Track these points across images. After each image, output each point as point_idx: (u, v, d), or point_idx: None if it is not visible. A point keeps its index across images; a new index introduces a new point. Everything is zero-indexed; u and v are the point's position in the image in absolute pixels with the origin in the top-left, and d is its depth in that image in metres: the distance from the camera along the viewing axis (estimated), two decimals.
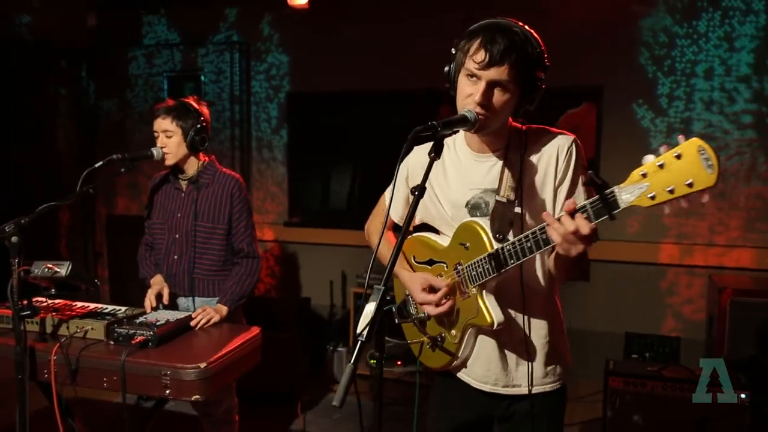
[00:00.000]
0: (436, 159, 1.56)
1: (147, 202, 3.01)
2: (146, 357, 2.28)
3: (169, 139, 2.78)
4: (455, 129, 1.63)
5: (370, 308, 1.41)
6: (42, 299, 2.62)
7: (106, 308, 2.67)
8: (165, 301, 2.79)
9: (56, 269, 2.32)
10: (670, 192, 1.25)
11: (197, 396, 2.20)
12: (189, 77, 5.18)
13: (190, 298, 2.89)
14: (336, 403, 1.34)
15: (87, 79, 5.44)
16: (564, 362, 1.88)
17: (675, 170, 1.24)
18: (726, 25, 4.02)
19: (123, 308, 2.67)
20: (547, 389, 1.84)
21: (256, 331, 2.61)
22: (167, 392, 2.21)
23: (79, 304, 2.72)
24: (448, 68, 1.71)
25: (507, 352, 1.83)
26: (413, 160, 1.93)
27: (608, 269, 4.21)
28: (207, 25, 5.15)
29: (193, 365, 2.19)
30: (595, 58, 4.14)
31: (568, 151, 1.70)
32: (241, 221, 2.87)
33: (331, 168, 5.03)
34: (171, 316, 2.57)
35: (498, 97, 1.62)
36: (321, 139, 4.98)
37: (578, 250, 1.44)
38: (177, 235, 2.88)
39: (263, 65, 5.06)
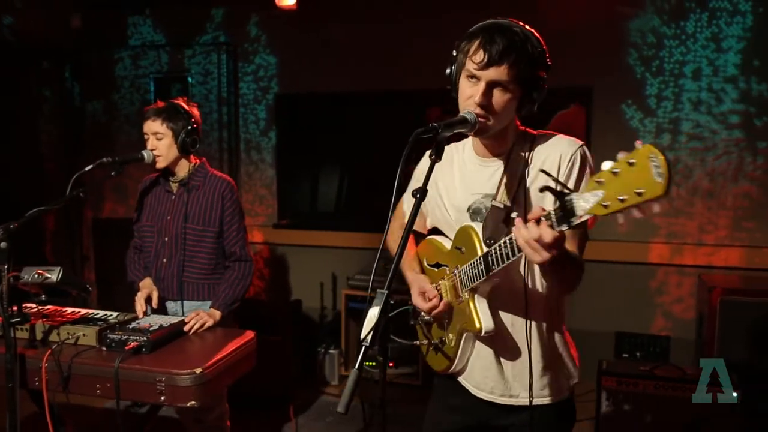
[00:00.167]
0: (437, 161, 1.55)
1: (136, 205, 2.98)
2: (140, 363, 2.24)
3: (159, 142, 2.74)
4: (456, 130, 1.61)
5: (373, 313, 1.39)
6: (32, 305, 2.57)
7: (98, 314, 2.63)
8: (154, 304, 2.75)
9: (47, 275, 2.28)
10: (621, 201, 1.18)
11: (193, 402, 2.17)
12: (176, 79, 5.12)
13: (178, 302, 2.86)
14: (341, 409, 1.33)
15: (71, 80, 5.37)
16: (568, 375, 1.83)
17: (627, 178, 1.17)
18: (713, 26, 4.04)
19: (114, 313, 2.63)
20: (547, 402, 1.79)
21: (251, 335, 2.58)
22: (162, 398, 2.18)
23: (70, 309, 2.68)
24: (449, 70, 1.70)
25: (505, 360, 1.79)
26: (423, 165, 1.91)
27: (599, 269, 4.22)
28: (193, 26, 5.09)
29: (188, 371, 2.16)
30: (584, 59, 4.15)
31: (571, 157, 1.66)
32: (233, 224, 2.84)
33: (320, 170, 5.01)
34: (164, 321, 2.54)
35: (498, 98, 1.61)
36: (310, 141, 4.95)
37: (542, 258, 1.38)
38: (166, 238, 2.84)
39: (251, 66, 5.02)
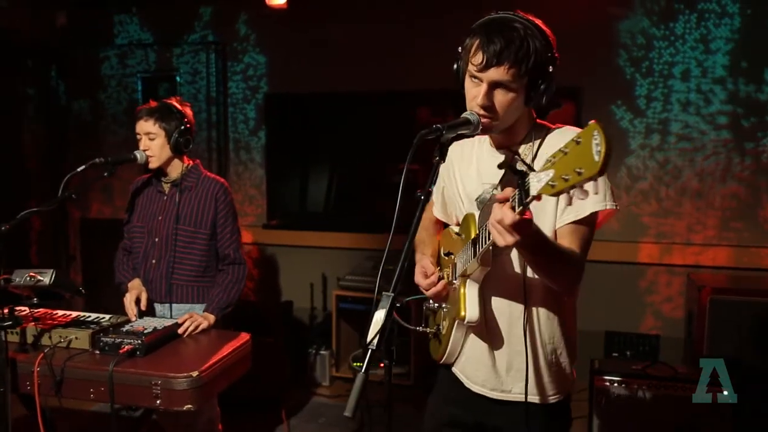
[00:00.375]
0: (441, 162, 1.54)
1: (127, 206, 2.94)
2: (134, 366, 2.21)
3: (152, 142, 2.71)
4: (459, 131, 1.61)
5: (379, 315, 1.38)
6: (23, 308, 2.53)
7: (89, 316, 2.59)
8: (143, 306, 2.70)
9: (39, 278, 2.25)
10: (565, 180, 1.13)
11: (189, 405, 2.14)
12: (164, 78, 5.07)
13: (166, 305, 2.81)
14: (348, 413, 1.31)
15: (57, 79, 5.29)
16: (564, 375, 1.78)
17: (573, 156, 1.13)
18: (702, 28, 4.08)
19: (107, 316, 2.59)
20: (536, 400, 1.75)
21: (246, 337, 2.56)
22: (158, 402, 2.15)
23: (61, 312, 2.64)
24: (456, 66, 1.69)
25: (499, 353, 1.76)
26: (451, 154, 1.82)
27: (589, 269, 4.19)
28: (181, 24, 5.04)
29: (184, 374, 2.14)
30: (574, 60, 4.15)
31: None
32: (227, 226, 2.81)
33: (310, 170, 4.99)
34: (158, 323, 2.50)
35: (501, 98, 1.60)
36: (300, 141, 4.93)
37: (505, 242, 1.35)
38: (156, 239, 2.80)
39: (240, 66, 4.98)
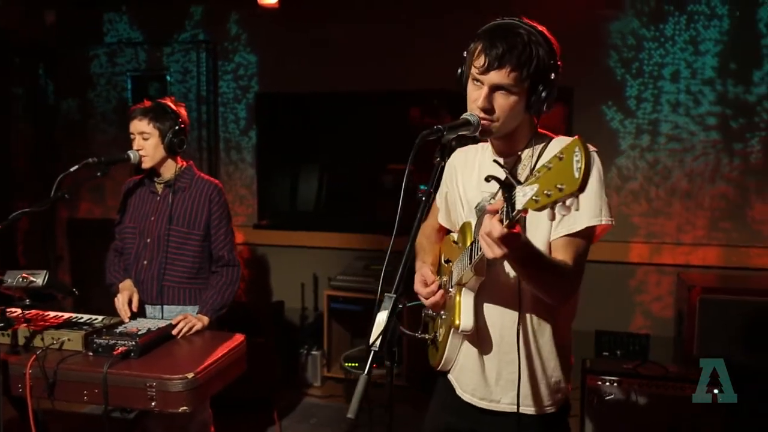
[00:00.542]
0: (442, 163, 1.55)
1: (119, 207, 2.91)
2: (129, 368, 2.20)
3: (145, 141, 2.69)
4: (459, 132, 1.61)
5: (382, 317, 1.38)
6: (15, 310, 2.50)
7: (82, 317, 2.57)
8: (134, 307, 2.67)
9: (32, 279, 2.22)
10: (548, 196, 1.14)
11: (184, 407, 2.13)
12: (154, 77, 5.04)
13: (158, 306, 2.79)
14: (351, 415, 1.30)
15: (45, 78, 5.24)
16: (557, 386, 1.75)
17: (555, 172, 1.14)
18: (691, 29, 4.11)
19: (99, 317, 2.57)
20: (527, 411, 1.72)
21: (241, 338, 2.54)
22: (153, 404, 2.13)
23: (52, 314, 2.62)
24: (460, 70, 1.70)
25: (489, 363, 1.75)
26: (455, 161, 1.91)
27: None
28: (171, 23, 5.01)
29: (180, 376, 2.13)
30: (565, 61, 4.15)
31: None
32: (221, 228, 2.80)
33: (301, 170, 4.97)
34: (152, 324, 2.49)
35: (501, 101, 1.61)
36: (291, 141, 4.91)
37: (493, 254, 1.34)
38: (148, 240, 2.78)
39: (231, 65, 4.96)
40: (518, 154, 1.72)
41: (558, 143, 1.70)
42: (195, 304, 2.76)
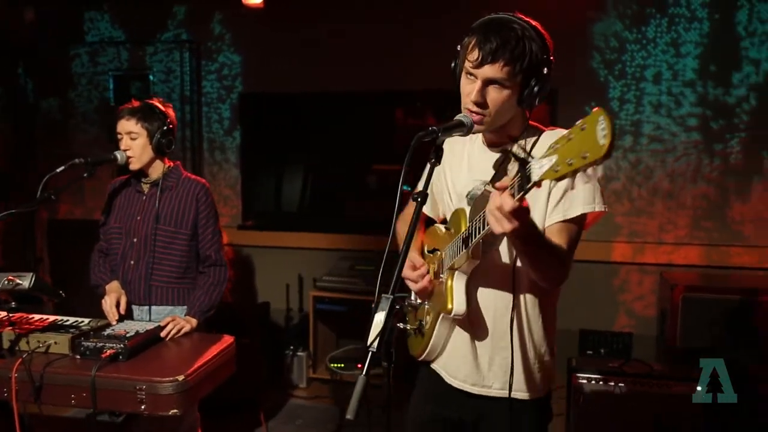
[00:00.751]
0: (436, 164, 1.56)
1: (104, 207, 2.88)
2: (117, 371, 2.18)
3: (133, 141, 2.66)
4: (454, 133, 1.63)
5: (379, 318, 1.38)
6: (1, 313, 2.46)
7: (67, 320, 2.54)
8: (122, 310, 2.63)
9: (18, 281, 2.19)
10: (569, 164, 1.18)
11: (175, 410, 2.11)
12: (136, 77, 4.98)
13: (145, 307, 2.76)
14: (350, 415, 1.31)
15: (25, 77, 5.16)
16: (546, 372, 1.81)
17: (578, 142, 1.17)
18: (673, 32, 4.16)
19: (86, 320, 2.54)
20: (524, 397, 1.77)
21: (230, 340, 2.53)
22: (142, 407, 2.11)
23: (37, 316, 2.58)
24: (453, 64, 1.72)
25: (482, 349, 1.78)
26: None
27: None
28: (154, 22, 4.97)
29: (170, 378, 2.11)
30: None
31: None
32: (208, 227, 2.78)
33: (285, 170, 4.96)
34: (140, 327, 2.46)
35: (494, 95, 1.63)
36: (275, 141, 4.89)
37: (502, 228, 1.36)
38: (135, 239, 2.75)
39: (214, 65, 4.93)
40: (509, 146, 1.73)
41: (550, 135, 1.71)
42: (183, 305, 2.74)
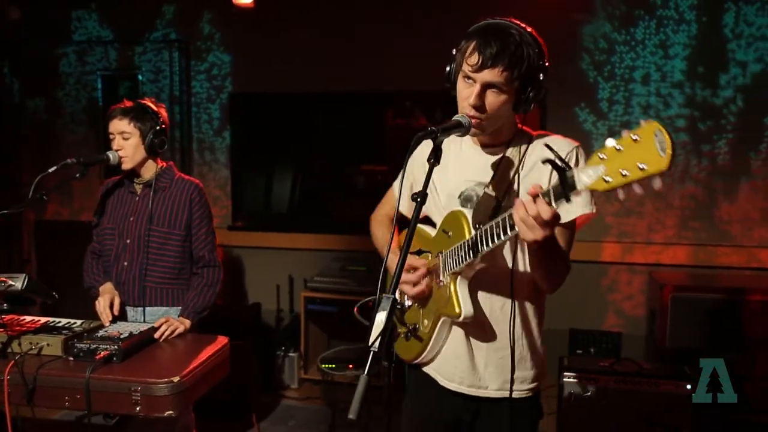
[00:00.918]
0: (436, 164, 1.57)
1: (96, 208, 2.85)
2: (112, 372, 2.16)
3: (125, 141, 2.64)
4: (452, 134, 1.64)
5: (381, 317, 1.39)
6: None
7: (59, 322, 2.52)
8: (116, 311, 2.62)
9: (10, 282, 2.17)
10: (624, 175, 1.21)
11: (170, 412, 2.10)
12: (125, 76, 4.95)
13: (139, 308, 2.74)
14: (352, 415, 1.31)
15: (10, 76, 5.11)
16: (540, 370, 1.86)
17: (631, 153, 1.21)
18: (661, 33, 4.20)
19: (78, 321, 2.52)
20: (515, 395, 1.81)
21: (224, 341, 2.52)
22: (137, 409, 2.10)
23: (29, 318, 2.55)
24: (449, 68, 1.73)
25: (479, 350, 1.81)
26: (417, 153, 1.92)
27: None
28: (143, 22, 4.93)
29: (165, 380, 2.10)
30: None
31: (567, 155, 1.71)
32: (202, 228, 2.77)
33: (276, 170, 4.94)
34: (134, 328, 2.45)
35: (492, 99, 1.65)
36: (266, 142, 4.88)
37: (534, 237, 1.39)
38: (128, 240, 2.73)
39: (204, 65, 4.91)
40: (504, 149, 1.78)
41: (540, 140, 1.77)
42: (178, 305, 2.73)
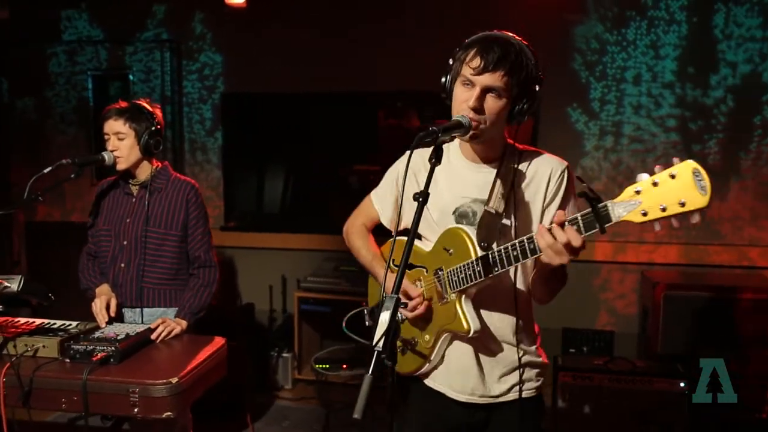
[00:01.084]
0: (437, 164, 1.58)
1: (91, 209, 2.84)
2: (109, 374, 2.14)
3: (120, 142, 2.63)
4: (452, 135, 1.65)
5: (385, 317, 1.39)
6: None
7: (55, 323, 2.49)
8: (113, 312, 2.60)
9: (6, 284, 2.15)
10: (663, 210, 1.28)
11: (169, 413, 2.09)
12: (116, 76, 4.92)
13: (137, 310, 2.72)
14: (357, 415, 1.32)
15: None
16: (543, 368, 1.91)
17: (668, 189, 1.27)
18: (652, 34, 4.23)
19: (74, 323, 2.50)
20: (524, 395, 1.85)
21: (221, 342, 2.51)
22: (135, 411, 2.08)
23: (23, 320, 2.53)
24: (444, 78, 1.75)
25: (486, 361, 1.84)
26: (402, 164, 1.95)
27: None
28: (133, 21, 4.91)
29: (163, 381, 2.08)
30: None
31: (561, 174, 1.78)
32: (198, 228, 2.75)
33: (268, 171, 4.93)
34: (130, 329, 2.43)
35: (491, 104, 1.66)
36: (258, 142, 4.87)
37: (561, 261, 1.47)
38: (125, 242, 2.72)
39: (196, 65, 4.89)
40: (496, 165, 1.79)
41: (543, 160, 1.81)
42: (176, 306, 2.71)
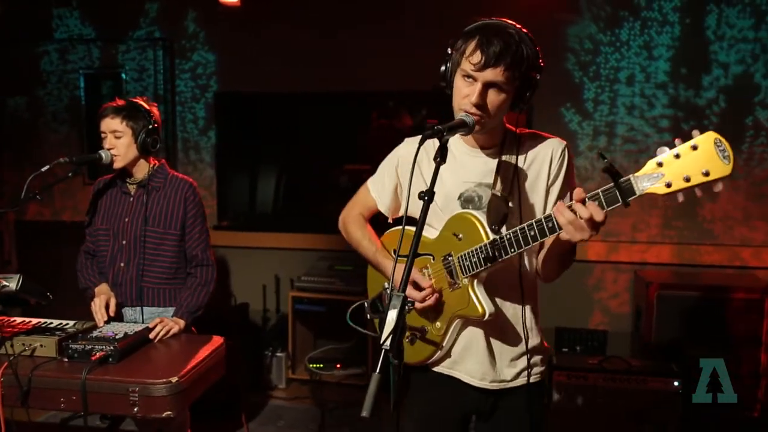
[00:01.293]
0: (443, 163, 1.58)
1: (88, 208, 2.82)
2: (108, 373, 2.13)
3: (117, 140, 2.62)
4: (456, 133, 1.67)
5: (392, 315, 1.39)
6: None
7: (52, 323, 2.48)
8: (112, 312, 2.59)
9: (4, 283, 2.13)
10: (686, 180, 1.31)
11: (168, 412, 2.08)
12: (108, 75, 4.89)
13: (137, 309, 2.71)
14: (365, 413, 1.31)
15: None
16: (546, 354, 1.95)
17: (691, 160, 1.30)
18: (645, 35, 4.26)
19: (71, 322, 2.48)
20: (531, 380, 1.88)
21: (220, 341, 2.51)
22: (135, 410, 2.07)
23: (20, 319, 2.51)
24: (444, 67, 1.75)
25: (497, 345, 1.86)
26: (403, 151, 1.96)
27: None
28: (125, 20, 4.88)
29: (163, 380, 2.08)
30: None
31: (561, 153, 1.80)
32: (196, 226, 2.75)
33: (261, 170, 4.92)
34: (128, 329, 2.42)
35: (493, 98, 1.67)
36: (251, 141, 4.86)
37: (583, 237, 1.47)
38: (124, 242, 2.70)
39: (189, 63, 4.87)
40: (498, 149, 1.81)
41: (543, 141, 1.83)
42: (176, 305, 2.71)
